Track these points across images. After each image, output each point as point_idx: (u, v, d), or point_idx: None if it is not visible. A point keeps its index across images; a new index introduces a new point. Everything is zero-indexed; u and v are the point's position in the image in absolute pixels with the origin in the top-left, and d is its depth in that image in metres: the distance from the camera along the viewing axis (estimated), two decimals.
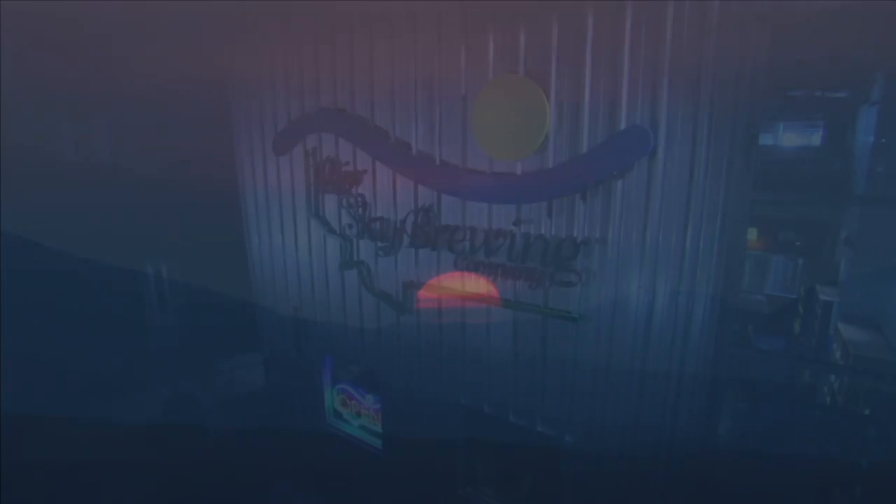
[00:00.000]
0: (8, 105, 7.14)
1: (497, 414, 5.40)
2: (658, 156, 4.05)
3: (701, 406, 4.32)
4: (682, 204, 4.05)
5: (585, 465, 4.99)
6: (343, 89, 5.63)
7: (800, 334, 10.86)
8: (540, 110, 4.41)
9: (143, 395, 10.09)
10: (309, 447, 7.55)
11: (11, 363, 8.11)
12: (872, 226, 6.48)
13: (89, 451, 8.37)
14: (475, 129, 4.77)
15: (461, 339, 5.43)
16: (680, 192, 4.03)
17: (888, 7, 3.83)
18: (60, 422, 8.95)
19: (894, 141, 6.30)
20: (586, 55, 4.15)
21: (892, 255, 6.26)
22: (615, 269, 4.41)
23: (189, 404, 8.21)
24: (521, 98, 4.49)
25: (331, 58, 5.61)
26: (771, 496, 4.68)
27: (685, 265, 4.13)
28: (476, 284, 5.17)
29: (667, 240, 4.15)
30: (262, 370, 7.89)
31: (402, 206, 5.49)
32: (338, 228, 6.09)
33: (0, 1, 5.79)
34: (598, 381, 4.69)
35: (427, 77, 5.01)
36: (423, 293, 5.57)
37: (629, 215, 4.26)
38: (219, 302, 11.86)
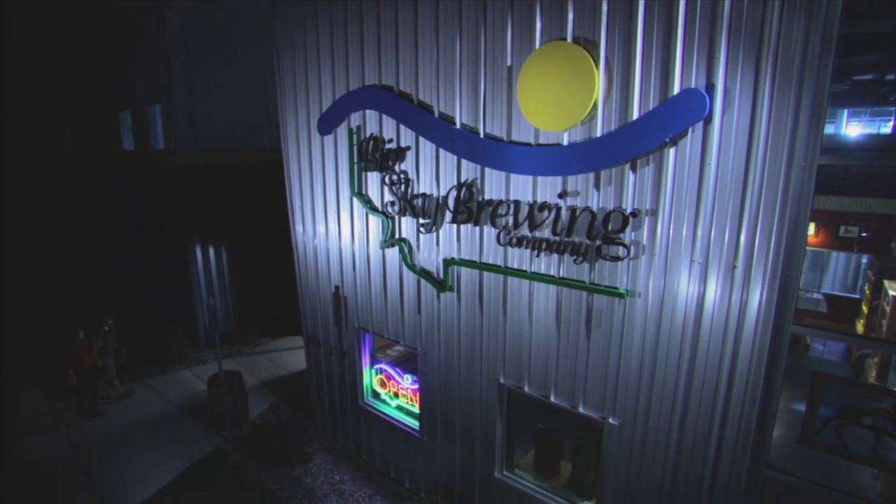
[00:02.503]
0: None
1: (538, 394, 5.27)
2: (714, 121, 3.85)
3: (756, 394, 4.07)
4: (739, 173, 3.83)
5: (630, 450, 4.80)
6: (387, 65, 5.67)
7: (863, 336, 10.13)
8: (588, 78, 4.28)
9: (189, 373, 10.50)
10: (347, 426, 7.62)
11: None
12: None
13: (130, 423, 8.78)
14: (521, 100, 4.68)
15: (502, 316, 5.34)
16: (738, 160, 3.82)
17: None
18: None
19: None
20: (638, 17, 4.00)
21: None
22: (666, 243, 4.22)
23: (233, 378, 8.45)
24: (568, 66, 4.37)
25: (375, 33, 5.66)
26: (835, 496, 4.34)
27: (742, 238, 3.91)
28: (519, 260, 5.08)
29: (722, 211, 3.94)
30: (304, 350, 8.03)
31: (444, 181, 5.47)
32: (380, 206, 6.13)
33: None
34: (646, 360, 4.51)
35: (472, 48, 4.97)
36: (464, 270, 5.52)
37: (682, 185, 4.07)
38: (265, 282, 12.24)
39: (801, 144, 3.61)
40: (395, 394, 6.94)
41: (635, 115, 4.15)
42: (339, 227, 6.74)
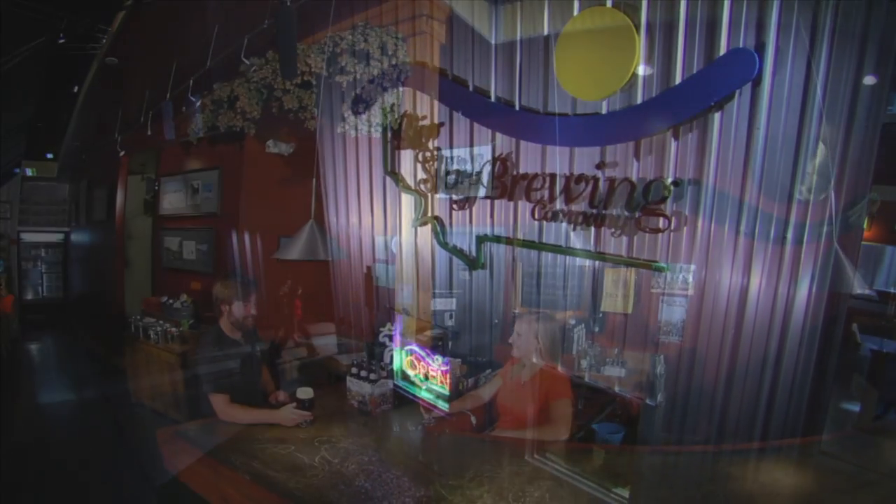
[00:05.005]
0: None
1: (571, 374, 5.13)
2: (763, 83, 3.66)
3: (808, 369, 3.84)
4: (791, 138, 3.63)
5: (668, 434, 4.61)
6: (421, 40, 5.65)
7: None
8: (628, 43, 4.14)
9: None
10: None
11: None
12: None
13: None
14: (558, 70, 4.58)
15: (536, 292, 5.23)
16: (790, 124, 3.62)
17: None
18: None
19: None
20: None
21: None
22: (710, 214, 4.04)
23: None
24: (607, 32, 4.24)
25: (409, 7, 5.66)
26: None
27: (794, 207, 3.70)
28: (555, 235, 4.96)
29: (772, 178, 3.74)
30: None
31: (478, 156, 5.40)
32: (412, 184, 6.11)
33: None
34: (687, 338, 4.32)
35: (508, 19, 4.89)
36: (497, 246, 5.44)
37: (727, 152, 3.88)
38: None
39: (862, 104, 3.39)
40: (424, 375, 6.89)
41: (678, 80, 3.99)
42: (371, 208, 6.75)
